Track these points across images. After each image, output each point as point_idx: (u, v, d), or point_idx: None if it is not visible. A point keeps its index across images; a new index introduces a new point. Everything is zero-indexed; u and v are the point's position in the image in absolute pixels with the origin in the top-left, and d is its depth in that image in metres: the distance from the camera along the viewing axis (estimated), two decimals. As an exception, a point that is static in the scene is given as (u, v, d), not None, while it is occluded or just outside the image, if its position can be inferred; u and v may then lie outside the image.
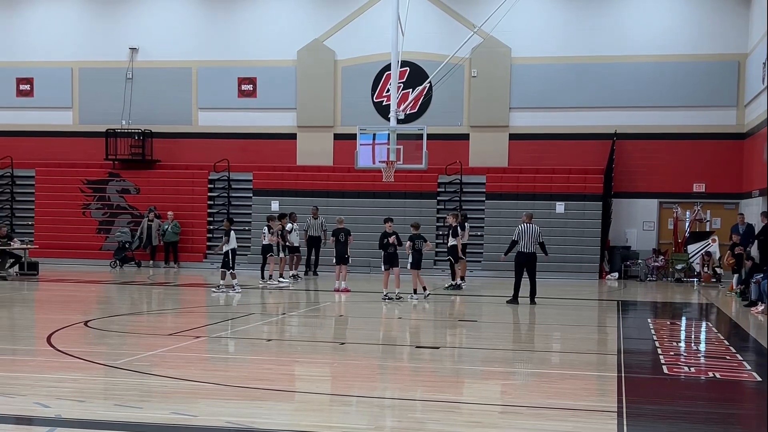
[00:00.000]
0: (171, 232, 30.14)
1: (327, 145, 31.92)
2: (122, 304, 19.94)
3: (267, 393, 9.88)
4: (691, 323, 18.62)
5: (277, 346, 13.96)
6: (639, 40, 30.00)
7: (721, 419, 9.21)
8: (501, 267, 27.68)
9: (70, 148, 33.17)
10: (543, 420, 8.88)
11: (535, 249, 19.86)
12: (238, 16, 32.53)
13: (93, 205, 32.23)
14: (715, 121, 29.44)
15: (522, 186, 29.75)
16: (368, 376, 11.35)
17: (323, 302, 20.82)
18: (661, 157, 29.73)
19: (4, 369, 11.23)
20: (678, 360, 12.73)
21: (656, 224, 30.16)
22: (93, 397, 9.56)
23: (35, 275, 25.36)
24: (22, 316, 18.03)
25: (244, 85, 32.46)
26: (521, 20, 29.44)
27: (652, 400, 9.89)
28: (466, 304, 20.97)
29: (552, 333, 16.54)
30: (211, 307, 19.27)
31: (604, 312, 19.95)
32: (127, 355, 12.07)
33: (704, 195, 29.63)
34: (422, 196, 30.22)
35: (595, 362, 12.69)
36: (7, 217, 32.31)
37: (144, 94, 32.95)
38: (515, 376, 11.51)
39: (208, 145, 32.35)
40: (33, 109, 33.63)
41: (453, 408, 9.40)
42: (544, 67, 30.52)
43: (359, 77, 31.59)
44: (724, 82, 29.43)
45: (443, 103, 30.57)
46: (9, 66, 33.75)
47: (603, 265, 28.86)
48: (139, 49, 33.03)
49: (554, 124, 30.42)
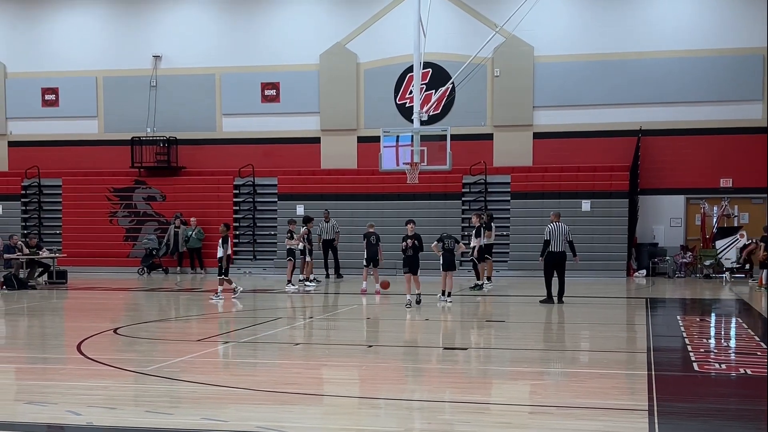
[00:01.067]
0: (195, 238, 30.26)
1: (351, 148, 31.94)
2: (150, 310, 20.05)
3: (296, 397, 9.89)
4: (720, 319, 18.47)
5: (305, 349, 13.99)
6: (662, 35, 29.81)
7: (753, 416, 9.12)
8: (527, 267, 27.73)
9: (96, 157, 33.40)
10: (573, 419, 8.84)
11: (565, 248, 19.75)
12: (259, 21, 32.63)
13: (120, 212, 32.43)
14: (741, 116, 29.22)
15: (547, 185, 29.64)
16: (397, 378, 11.35)
17: (349, 305, 20.82)
18: (687, 152, 29.51)
19: (36, 377, 11.33)
20: (708, 357, 12.64)
21: (683, 220, 29.96)
22: (124, 404, 9.61)
23: (64, 284, 25.54)
24: (52, 324, 18.16)
25: (267, 90, 32.56)
26: (543, 18, 29.32)
27: (683, 397, 9.82)
28: (493, 304, 20.91)
29: (580, 332, 16.48)
30: (238, 312, 19.33)
31: (633, 310, 19.83)
32: (157, 362, 12.13)
33: (731, 190, 29.40)
34: (447, 197, 30.17)
35: (625, 360, 12.62)
36: (35, 226, 32.57)
37: (168, 101, 33.12)
38: (544, 376, 11.46)
39: (232, 151, 32.47)
40: (58, 118, 33.87)
41: (482, 409, 9.38)
42: (567, 65, 30.40)
43: (382, 79, 31.59)
44: (749, 76, 29.18)
45: (466, 104, 30.52)
46: (34, 76, 34.02)
47: (630, 262, 28.71)
48: (162, 56, 33.21)
49: (578, 122, 30.28)
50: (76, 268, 28.80)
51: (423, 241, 19.51)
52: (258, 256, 31.33)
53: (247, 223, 31.82)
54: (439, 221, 29.67)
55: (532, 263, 27.19)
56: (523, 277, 27.36)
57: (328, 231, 27.25)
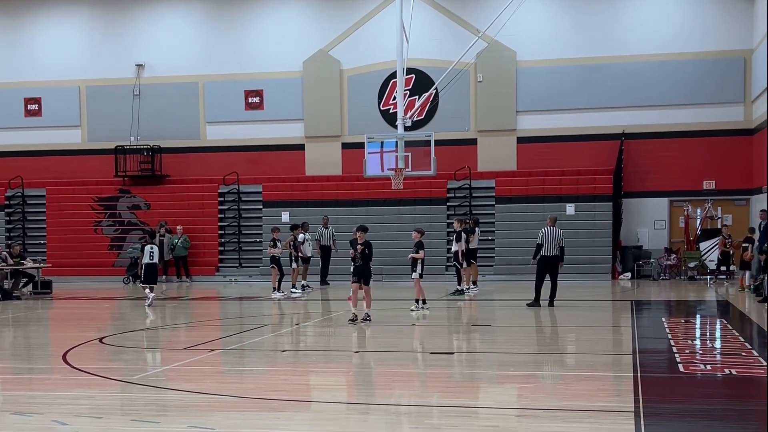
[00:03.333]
0: (180, 246, 30.21)
1: (335, 155, 31.97)
2: (136, 319, 19.98)
3: (283, 404, 9.89)
4: (705, 321, 18.54)
5: (291, 356, 13.97)
6: (644, 39, 29.98)
7: (738, 416, 9.18)
8: (513, 271, 27.82)
9: (79, 166, 33.31)
10: (560, 422, 8.86)
11: (557, 252, 19.80)
12: (242, 29, 32.63)
13: (104, 222, 32.35)
14: (723, 118, 29.41)
15: (531, 189, 29.75)
16: (384, 383, 11.36)
17: (336, 311, 20.81)
18: (670, 155, 29.66)
19: (21, 388, 11.29)
20: (694, 358, 12.69)
21: (667, 223, 30.10)
22: (110, 413, 9.58)
23: (49, 294, 25.42)
24: (38, 334, 18.08)
25: (250, 98, 32.56)
26: (525, 23, 29.45)
27: (669, 399, 9.86)
28: (479, 308, 20.94)
29: (566, 335, 16.53)
30: (225, 320, 19.29)
31: (618, 312, 19.90)
32: (143, 371, 12.10)
33: (714, 192, 29.57)
34: (432, 202, 30.25)
35: (611, 363, 12.66)
36: (19, 236, 32.45)
37: (151, 110, 33.07)
38: (531, 379, 11.48)
39: (216, 159, 32.43)
40: (42, 128, 33.79)
41: (470, 413, 9.40)
42: (550, 70, 30.52)
43: (365, 86, 31.64)
44: (731, 79, 29.38)
45: (450, 109, 30.59)
46: (17, 86, 33.92)
47: (615, 265, 28.81)
48: (145, 65, 33.17)
49: (562, 126, 30.41)
50: (61, 278, 28.67)
51: (371, 251, 17.66)
52: (244, 263, 31.29)
53: (232, 230, 31.79)
54: (425, 227, 29.48)
55: (518, 267, 27.44)
56: (509, 281, 27.41)
57: (327, 237, 27.18)
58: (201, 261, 31.21)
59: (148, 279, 21.70)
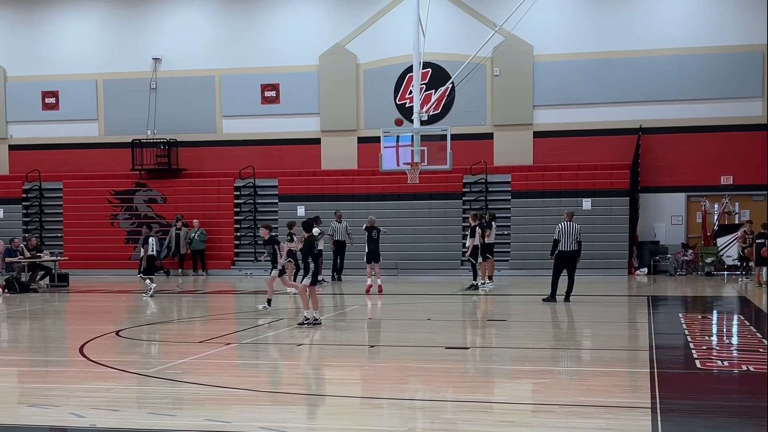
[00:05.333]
0: (198, 240, 30.29)
1: (351, 149, 31.96)
2: (152, 312, 20.05)
3: (299, 398, 9.90)
4: (722, 317, 18.46)
5: (307, 350, 13.99)
6: (661, 33, 29.81)
7: (755, 412, 9.12)
8: (529, 266, 27.76)
9: (96, 160, 33.43)
10: (576, 418, 8.84)
11: (575, 247, 19.74)
12: (259, 23, 32.64)
13: (121, 215, 32.46)
14: (741, 113, 29.21)
15: (548, 183, 29.66)
16: (399, 378, 11.35)
17: (351, 306, 20.83)
18: (687, 150, 29.51)
19: (38, 380, 11.35)
20: (710, 354, 12.64)
21: (684, 218, 29.97)
22: (126, 405, 9.62)
23: (66, 287, 25.54)
24: (55, 327, 18.17)
25: (267, 92, 32.57)
26: (542, 17, 29.35)
27: (686, 395, 9.83)
28: (495, 303, 20.91)
29: (582, 330, 16.49)
30: (240, 314, 19.33)
31: (635, 308, 19.82)
32: (159, 364, 12.14)
33: (732, 187, 29.40)
34: (448, 197, 30.18)
35: (627, 358, 12.63)
36: (37, 229, 32.60)
37: (168, 103, 33.14)
38: (547, 375, 11.46)
39: (232, 153, 32.49)
40: (59, 122, 33.92)
41: (485, 408, 9.38)
42: (567, 64, 30.40)
43: (381, 80, 31.60)
44: (749, 73, 29.19)
45: (466, 103, 30.53)
46: (34, 80, 34.04)
47: (632, 260, 28.71)
48: (162, 59, 33.24)
49: (578, 121, 30.29)
50: (78, 271, 28.76)
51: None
52: (259, 257, 31.28)
53: (248, 224, 31.83)
54: (440, 221, 29.75)
55: (534, 262, 27.37)
56: (525, 276, 27.35)
57: (341, 232, 26.93)
58: (216, 255, 31.27)
59: (150, 270, 22.69)
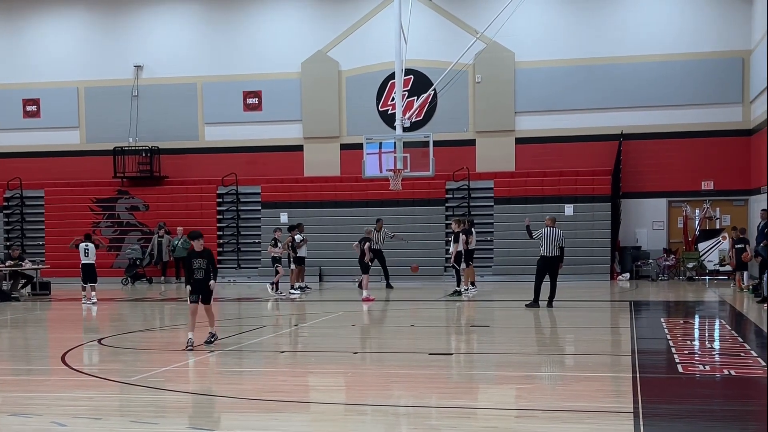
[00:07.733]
0: (181, 247, 30.18)
1: (334, 156, 31.95)
2: (135, 320, 19.98)
3: (282, 404, 9.89)
4: (704, 321, 18.55)
5: (290, 357, 13.97)
6: (642, 39, 29.96)
7: (737, 416, 9.19)
8: (512, 272, 27.82)
9: (78, 167, 33.29)
10: (559, 423, 8.87)
11: (557, 253, 19.78)
12: (241, 30, 32.61)
13: (103, 223, 32.34)
14: (722, 118, 29.40)
15: (530, 189, 29.75)
16: (382, 384, 11.35)
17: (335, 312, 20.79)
18: (668, 156, 29.67)
19: (20, 389, 11.28)
20: (692, 358, 12.70)
21: (666, 223, 30.11)
22: (109, 414, 9.58)
23: (47, 295, 25.42)
24: (36, 336, 18.08)
25: (249, 99, 32.55)
26: (524, 24, 29.44)
27: (668, 399, 9.87)
28: (477, 309, 20.94)
29: (565, 335, 16.53)
30: (223, 321, 19.27)
31: (617, 313, 19.90)
32: (142, 372, 12.10)
33: (713, 192, 29.57)
34: (430, 203, 30.24)
35: (610, 363, 12.67)
36: (18, 237, 32.44)
37: (150, 111, 33.05)
38: (530, 380, 11.48)
39: (215, 160, 32.43)
40: (40, 129, 33.76)
41: (468, 414, 9.40)
42: (548, 70, 30.52)
43: (364, 87, 31.63)
44: (729, 79, 29.38)
45: (448, 110, 30.58)
46: (15, 87, 33.88)
47: (614, 265, 28.81)
48: (143, 66, 33.16)
49: (560, 127, 30.40)
50: (60, 279, 28.66)
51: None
52: (242, 264, 31.28)
53: (231, 231, 31.79)
54: (423, 227, 29.77)
55: (516, 267, 27.44)
56: (508, 281, 27.41)
57: (379, 240, 25.60)
58: (200, 262, 31.09)
59: (89, 278, 22.84)
